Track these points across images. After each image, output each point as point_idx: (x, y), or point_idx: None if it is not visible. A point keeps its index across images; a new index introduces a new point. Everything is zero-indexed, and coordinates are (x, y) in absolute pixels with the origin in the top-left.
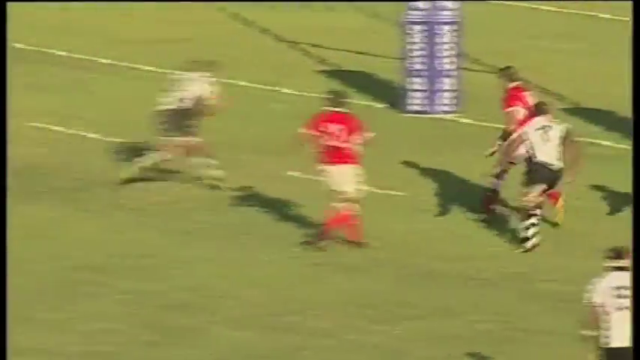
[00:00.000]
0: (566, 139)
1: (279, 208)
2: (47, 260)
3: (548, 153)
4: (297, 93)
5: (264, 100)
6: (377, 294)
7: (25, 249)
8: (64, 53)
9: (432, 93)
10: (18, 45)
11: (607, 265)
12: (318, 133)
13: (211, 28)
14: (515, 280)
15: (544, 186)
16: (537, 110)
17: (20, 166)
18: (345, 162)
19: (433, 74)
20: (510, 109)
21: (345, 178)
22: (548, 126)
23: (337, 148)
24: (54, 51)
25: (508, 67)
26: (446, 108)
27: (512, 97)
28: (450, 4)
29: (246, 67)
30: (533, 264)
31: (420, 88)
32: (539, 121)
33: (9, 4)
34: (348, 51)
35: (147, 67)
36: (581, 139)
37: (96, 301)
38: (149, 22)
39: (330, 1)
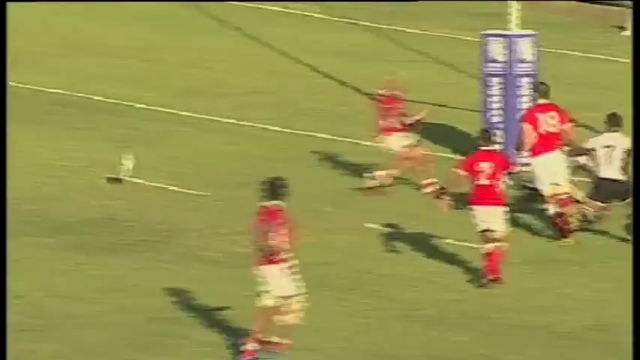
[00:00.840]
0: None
1: (355, 262)
2: (121, 312)
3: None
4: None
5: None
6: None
7: (101, 301)
8: (142, 105)
9: (509, 146)
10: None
11: None
12: (471, 173)
13: (290, 79)
14: None
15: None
16: (609, 123)
17: (98, 218)
18: (495, 203)
19: (511, 127)
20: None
21: (494, 219)
22: (613, 146)
23: (487, 187)
24: (133, 103)
25: (540, 83)
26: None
27: (527, 114)
28: (527, 56)
29: (330, 120)
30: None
31: (499, 140)
32: (607, 138)
33: None
34: (426, 103)
35: (225, 120)
36: None
37: (173, 354)
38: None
39: None
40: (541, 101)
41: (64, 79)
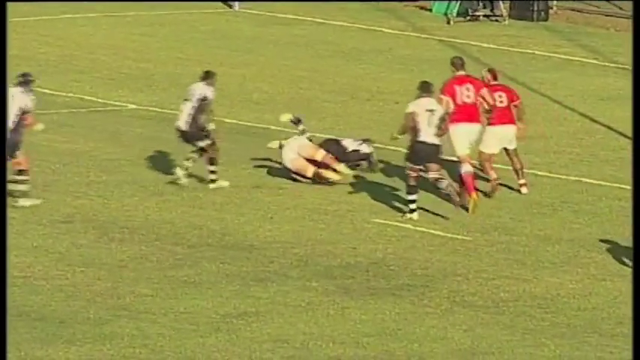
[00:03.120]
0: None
1: (621, 308)
2: (386, 356)
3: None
4: None
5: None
6: None
7: (366, 345)
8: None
9: None
10: None
11: None
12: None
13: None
14: None
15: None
16: (423, 90)
17: (363, 262)
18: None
19: None
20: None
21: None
22: (434, 109)
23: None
24: (400, 148)
25: (455, 57)
26: None
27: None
28: None
29: (597, 165)
30: None
31: None
32: (426, 102)
33: None
34: None
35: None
36: None
37: None
38: None
39: None
40: (458, 74)
41: (335, 124)
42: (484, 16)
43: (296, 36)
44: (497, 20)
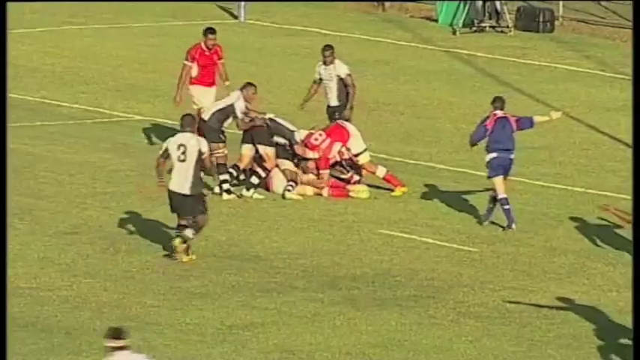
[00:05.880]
0: None
1: (624, 319)
2: None
3: None
4: None
5: None
6: None
7: (371, 356)
8: (413, 161)
9: None
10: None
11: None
12: None
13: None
14: None
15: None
16: None
17: (369, 273)
18: None
19: None
20: None
21: None
22: None
23: None
24: (404, 159)
25: None
26: None
27: None
28: None
29: (601, 175)
30: None
31: None
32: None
33: None
34: None
35: None
36: None
37: None
38: None
39: None
40: None
41: None
42: (490, 27)
43: (302, 47)
44: (502, 31)
